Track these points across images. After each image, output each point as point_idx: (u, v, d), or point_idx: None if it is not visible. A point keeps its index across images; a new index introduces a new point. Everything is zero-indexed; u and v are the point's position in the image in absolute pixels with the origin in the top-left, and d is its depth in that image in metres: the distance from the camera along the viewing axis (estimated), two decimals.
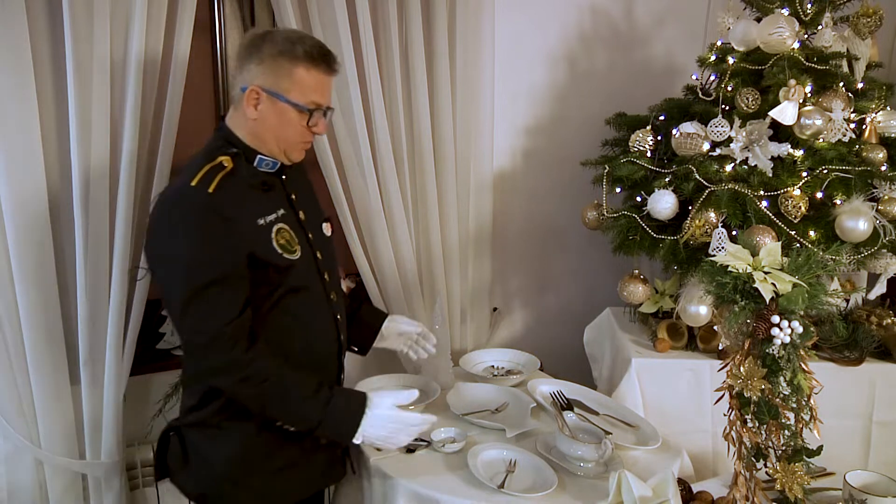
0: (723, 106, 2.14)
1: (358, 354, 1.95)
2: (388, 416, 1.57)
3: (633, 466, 1.75)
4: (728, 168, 2.05)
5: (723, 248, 1.91)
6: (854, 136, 2.09)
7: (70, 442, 1.98)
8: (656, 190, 2.11)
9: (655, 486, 1.50)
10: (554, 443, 1.80)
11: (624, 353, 2.32)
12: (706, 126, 2.12)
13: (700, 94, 2.25)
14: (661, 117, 2.34)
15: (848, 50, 2.19)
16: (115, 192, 1.88)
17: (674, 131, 2.16)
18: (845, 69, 2.18)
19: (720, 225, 1.98)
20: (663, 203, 2.08)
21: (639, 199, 2.20)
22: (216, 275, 1.44)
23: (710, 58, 2.25)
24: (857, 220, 1.91)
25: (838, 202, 1.97)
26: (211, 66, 2.28)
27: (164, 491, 2.22)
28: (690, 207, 2.05)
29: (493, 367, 2.34)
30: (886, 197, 2.00)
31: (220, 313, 1.44)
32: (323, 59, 1.53)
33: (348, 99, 2.15)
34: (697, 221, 2.00)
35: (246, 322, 1.48)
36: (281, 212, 1.59)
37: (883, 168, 2.04)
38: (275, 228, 1.55)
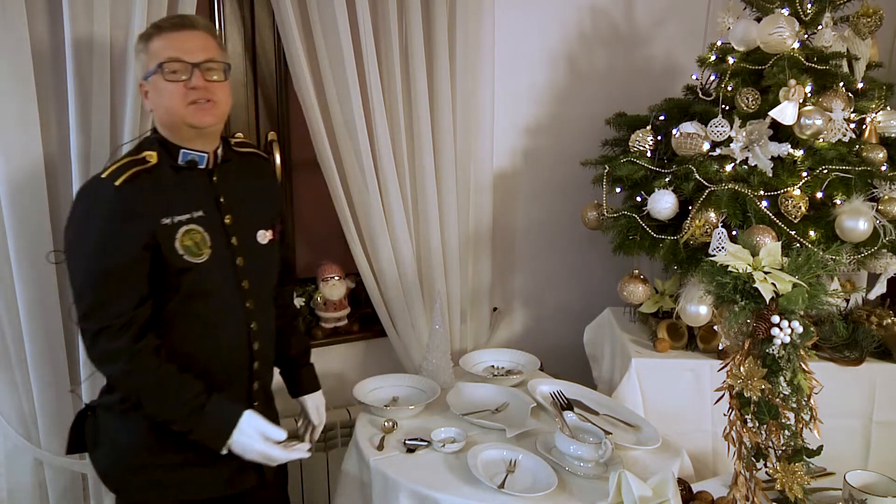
0: (723, 106, 2.14)
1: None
2: (251, 447, 1.57)
3: (633, 466, 1.75)
4: (728, 168, 2.05)
5: (723, 248, 1.91)
6: (854, 136, 2.09)
7: None
8: (656, 190, 2.11)
9: (655, 486, 1.50)
10: (554, 443, 1.80)
11: (624, 353, 2.32)
12: (706, 126, 2.12)
13: (700, 94, 2.25)
14: (661, 117, 2.33)
15: (848, 50, 2.19)
16: None
17: (674, 131, 2.15)
18: (845, 69, 2.18)
19: (720, 225, 1.98)
20: (663, 203, 2.08)
21: (639, 199, 2.19)
22: (111, 266, 1.48)
23: (710, 58, 2.25)
24: (857, 220, 1.91)
25: (838, 202, 1.97)
26: None
27: None
28: (690, 207, 2.05)
29: (493, 367, 2.35)
30: (886, 197, 2.00)
31: (113, 304, 1.49)
32: (166, 22, 1.56)
33: (348, 99, 2.14)
34: (697, 221, 2.00)
35: (140, 316, 1.51)
36: (198, 213, 1.58)
37: (883, 168, 2.04)
38: (182, 229, 1.55)
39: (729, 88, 2.13)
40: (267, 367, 1.77)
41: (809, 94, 2.05)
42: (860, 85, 2.18)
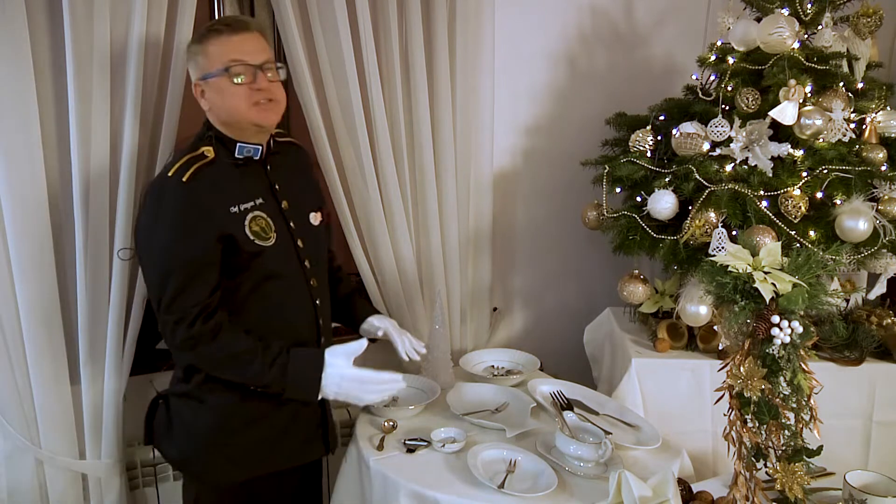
0: (723, 106, 2.14)
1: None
2: (341, 375, 1.71)
3: (633, 466, 1.75)
4: (728, 168, 2.05)
5: (723, 248, 1.91)
6: (854, 136, 2.09)
7: (70, 442, 1.98)
8: (656, 190, 2.11)
9: (655, 486, 1.50)
10: (554, 443, 1.80)
11: (624, 353, 2.32)
12: (706, 126, 2.12)
13: (700, 94, 2.25)
14: (661, 117, 2.34)
15: (848, 50, 2.19)
16: (116, 191, 1.88)
17: (674, 131, 2.16)
18: (845, 69, 2.18)
19: (720, 225, 1.98)
20: (663, 203, 2.08)
21: (639, 199, 2.20)
22: (187, 260, 1.59)
23: (710, 58, 2.25)
24: (857, 220, 1.91)
25: (838, 202, 1.97)
26: None
27: (164, 491, 2.22)
28: (690, 207, 2.05)
29: (493, 367, 2.35)
30: (886, 197, 2.00)
31: (189, 295, 1.59)
32: (224, 24, 1.63)
33: (348, 99, 2.14)
34: (697, 221, 2.00)
35: (213, 304, 1.62)
36: (259, 200, 1.70)
37: (883, 168, 2.04)
38: (249, 216, 1.67)
39: (729, 88, 2.13)
40: (327, 344, 1.85)
41: (809, 94, 2.06)
42: (860, 85, 2.18)
